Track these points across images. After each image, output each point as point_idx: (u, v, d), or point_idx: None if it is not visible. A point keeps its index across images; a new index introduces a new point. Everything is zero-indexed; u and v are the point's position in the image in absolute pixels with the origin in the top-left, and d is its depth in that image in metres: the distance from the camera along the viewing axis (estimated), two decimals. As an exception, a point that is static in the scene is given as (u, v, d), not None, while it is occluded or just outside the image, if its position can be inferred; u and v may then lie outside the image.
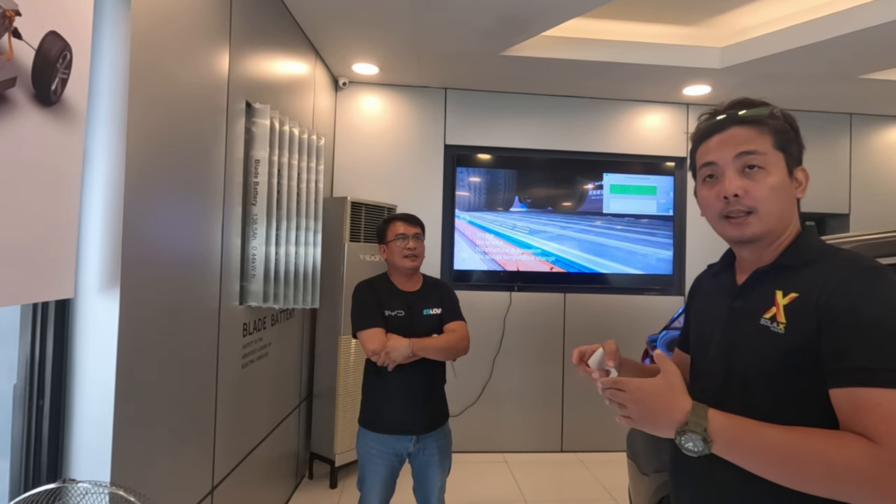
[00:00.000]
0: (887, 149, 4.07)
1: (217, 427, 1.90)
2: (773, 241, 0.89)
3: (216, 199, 1.86)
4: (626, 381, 0.84)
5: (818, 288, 0.79)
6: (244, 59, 2.07)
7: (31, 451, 1.26)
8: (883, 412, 0.70)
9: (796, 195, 0.90)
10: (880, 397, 0.71)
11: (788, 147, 0.88)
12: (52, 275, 1.12)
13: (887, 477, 0.68)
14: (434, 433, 1.95)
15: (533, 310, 3.76)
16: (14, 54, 0.99)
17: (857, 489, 0.70)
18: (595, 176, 3.80)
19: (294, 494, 2.96)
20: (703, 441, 0.76)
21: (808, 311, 0.79)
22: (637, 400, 0.82)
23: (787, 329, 0.81)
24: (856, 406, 0.73)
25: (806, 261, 0.84)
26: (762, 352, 0.83)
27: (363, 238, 3.13)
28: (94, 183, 1.29)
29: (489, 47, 2.99)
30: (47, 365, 1.27)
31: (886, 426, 0.69)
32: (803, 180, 0.90)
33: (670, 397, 0.80)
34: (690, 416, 0.78)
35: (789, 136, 0.89)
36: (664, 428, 0.80)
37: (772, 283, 0.86)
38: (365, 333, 1.86)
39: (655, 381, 0.83)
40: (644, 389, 0.82)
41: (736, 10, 2.91)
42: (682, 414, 0.78)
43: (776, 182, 0.86)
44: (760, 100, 0.91)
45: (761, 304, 0.86)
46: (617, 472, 3.23)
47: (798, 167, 0.89)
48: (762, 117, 0.88)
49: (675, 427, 0.79)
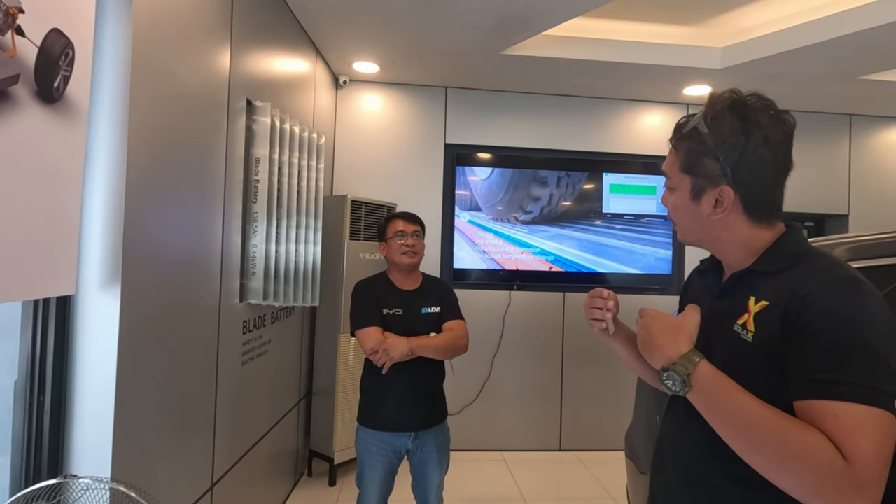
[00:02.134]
0: (887, 150, 4.07)
1: (217, 424, 1.91)
2: (729, 250, 0.89)
3: (217, 196, 1.86)
4: (647, 309, 0.90)
5: (788, 296, 0.78)
6: (245, 57, 2.07)
7: (32, 447, 1.26)
8: (839, 423, 0.70)
9: (711, 216, 0.87)
10: (836, 409, 0.71)
11: (696, 168, 0.87)
12: (53, 271, 1.13)
13: (835, 481, 0.68)
14: (433, 430, 1.96)
15: (532, 309, 3.77)
16: (17, 51, 1.00)
17: (802, 476, 0.70)
18: (595, 175, 3.81)
19: (293, 492, 2.97)
20: (682, 383, 0.79)
21: (775, 319, 0.79)
22: (646, 325, 0.87)
23: (754, 337, 0.81)
24: (812, 418, 0.73)
25: (781, 267, 0.83)
26: (730, 357, 0.84)
27: (363, 236, 3.13)
28: (96, 180, 1.29)
29: (490, 46, 2.99)
30: (48, 361, 1.28)
31: (844, 439, 0.70)
32: (723, 200, 0.85)
33: (674, 335, 0.83)
34: (681, 359, 0.81)
35: (699, 157, 0.86)
36: (657, 359, 0.84)
37: (747, 288, 0.86)
38: (362, 332, 1.87)
39: (672, 317, 0.87)
40: (656, 318, 0.87)
41: (736, 11, 2.91)
42: (676, 354, 0.81)
43: (677, 202, 0.92)
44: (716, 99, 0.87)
45: (735, 309, 0.86)
46: (615, 471, 3.24)
47: (713, 188, 0.85)
48: (682, 136, 0.90)
49: (664, 362, 0.82)
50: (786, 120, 0.85)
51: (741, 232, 0.88)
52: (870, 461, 0.68)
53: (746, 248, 0.88)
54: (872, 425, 0.70)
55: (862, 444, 0.69)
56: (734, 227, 0.88)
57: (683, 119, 0.93)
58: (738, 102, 0.86)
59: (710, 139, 0.85)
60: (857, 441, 0.69)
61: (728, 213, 0.86)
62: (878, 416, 0.70)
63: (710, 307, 0.92)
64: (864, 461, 0.68)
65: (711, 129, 0.85)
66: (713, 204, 0.87)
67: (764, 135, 0.83)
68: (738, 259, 0.89)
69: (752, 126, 0.83)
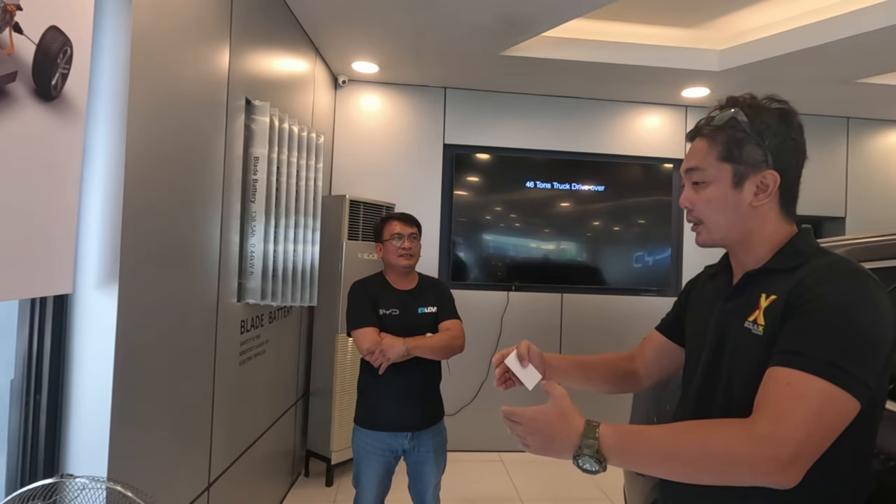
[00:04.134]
0: (883, 152, 4.09)
1: (214, 424, 1.90)
2: (754, 246, 0.89)
3: (215, 195, 1.86)
4: (519, 413, 0.84)
5: (792, 287, 0.79)
6: (244, 56, 2.07)
7: (29, 446, 1.26)
8: (790, 391, 0.71)
9: (753, 203, 0.86)
10: (792, 377, 0.71)
11: (738, 156, 0.86)
12: (50, 270, 1.12)
13: (762, 453, 0.68)
14: (429, 430, 1.96)
15: (530, 309, 3.77)
16: (15, 49, 0.99)
17: (739, 471, 0.70)
18: (593, 176, 3.81)
19: (290, 492, 2.96)
20: (597, 462, 0.76)
21: (780, 310, 0.80)
22: (532, 430, 0.82)
23: (764, 331, 0.82)
24: (768, 383, 0.74)
25: (792, 265, 0.84)
26: (745, 354, 0.84)
27: (361, 236, 3.13)
28: (94, 178, 1.29)
29: (489, 47, 2.99)
30: (45, 360, 1.27)
31: (782, 404, 0.70)
32: (769, 184, 0.85)
33: (563, 422, 0.81)
34: (582, 438, 0.78)
35: (740, 144, 0.86)
36: (562, 452, 0.80)
37: (758, 287, 0.86)
38: (358, 333, 1.87)
39: (546, 408, 0.83)
40: (536, 419, 0.82)
41: (735, 13, 2.92)
42: (576, 437, 0.79)
43: (713, 195, 0.89)
44: (739, 99, 0.88)
45: (747, 308, 0.86)
46: (612, 472, 3.22)
47: (756, 173, 0.86)
48: (718, 126, 0.88)
49: (572, 451, 0.79)
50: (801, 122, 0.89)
51: (771, 223, 0.88)
52: (795, 425, 0.68)
53: (770, 243, 0.88)
54: (817, 397, 0.69)
55: (797, 409, 0.69)
56: (766, 218, 0.88)
57: (707, 117, 0.92)
58: (760, 99, 0.88)
59: (750, 126, 0.86)
60: (791, 406, 0.69)
61: (770, 201, 0.86)
62: (831, 392, 0.70)
63: (723, 308, 0.92)
64: (789, 423, 0.68)
65: (751, 117, 0.86)
66: (754, 191, 0.86)
67: (798, 122, 0.87)
68: (758, 256, 0.89)
69: (791, 116, 0.86)
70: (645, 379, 1.14)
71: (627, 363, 1.16)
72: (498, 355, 1.07)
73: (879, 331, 0.73)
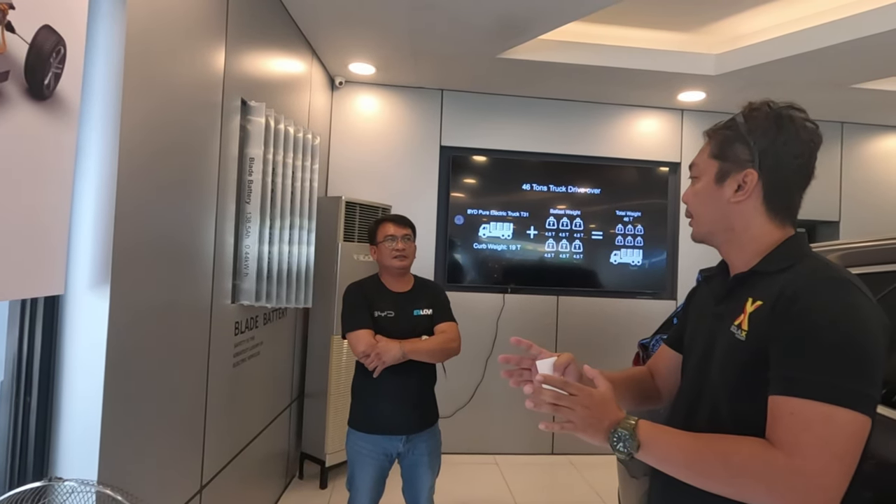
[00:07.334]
0: (877, 157, 4.11)
1: (207, 426, 1.89)
2: (739, 246, 0.89)
3: (210, 196, 1.85)
4: (579, 387, 0.85)
5: (777, 294, 0.79)
6: (240, 57, 2.06)
7: (18, 448, 1.24)
8: (794, 421, 0.71)
9: (731, 200, 0.88)
10: (794, 406, 0.72)
11: (725, 153, 0.89)
12: (41, 271, 1.11)
13: (782, 481, 0.69)
14: (424, 433, 1.95)
15: (526, 312, 3.77)
16: (7, 48, 0.99)
17: (754, 489, 0.71)
18: (589, 179, 3.82)
19: (284, 494, 2.95)
20: (631, 438, 0.80)
21: (766, 317, 0.80)
22: (588, 404, 0.84)
23: (747, 336, 0.82)
24: (773, 414, 0.74)
25: (779, 268, 0.84)
26: (728, 358, 0.85)
27: (357, 238, 3.12)
28: (87, 179, 1.28)
29: (486, 49, 2.99)
30: (35, 361, 1.26)
31: (791, 435, 0.70)
32: (747, 183, 0.86)
33: (611, 405, 0.84)
34: (624, 420, 0.83)
35: (731, 143, 0.89)
36: (603, 432, 0.83)
37: (746, 290, 0.86)
38: (353, 335, 1.86)
39: (601, 390, 0.86)
40: (594, 396, 0.85)
41: (731, 18, 2.93)
42: (617, 419, 0.83)
43: (699, 188, 0.94)
44: (754, 103, 0.91)
45: (735, 311, 0.86)
46: (607, 475, 3.24)
47: (739, 171, 0.87)
48: (719, 126, 0.92)
49: (611, 426, 0.82)
50: (816, 131, 0.89)
51: (755, 223, 0.88)
52: (811, 454, 0.68)
53: (756, 244, 0.88)
54: (822, 422, 0.69)
55: (804, 439, 0.69)
56: (749, 217, 0.88)
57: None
58: (775, 104, 0.90)
59: (744, 126, 0.88)
60: (800, 437, 0.70)
61: (748, 198, 0.87)
62: (833, 414, 0.69)
63: (714, 311, 0.93)
64: (804, 454, 0.69)
65: (748, 118, 0.89)
66: (735, 188, 0.88)
67: (796, 130, 0.87)
68: (745, 258, 0.89)
69: (787, 120, 0.87)
70: (664, 394, 1.14)
71: (651, 381, 1.15)
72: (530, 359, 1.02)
73: (866, 340, 0.73)
